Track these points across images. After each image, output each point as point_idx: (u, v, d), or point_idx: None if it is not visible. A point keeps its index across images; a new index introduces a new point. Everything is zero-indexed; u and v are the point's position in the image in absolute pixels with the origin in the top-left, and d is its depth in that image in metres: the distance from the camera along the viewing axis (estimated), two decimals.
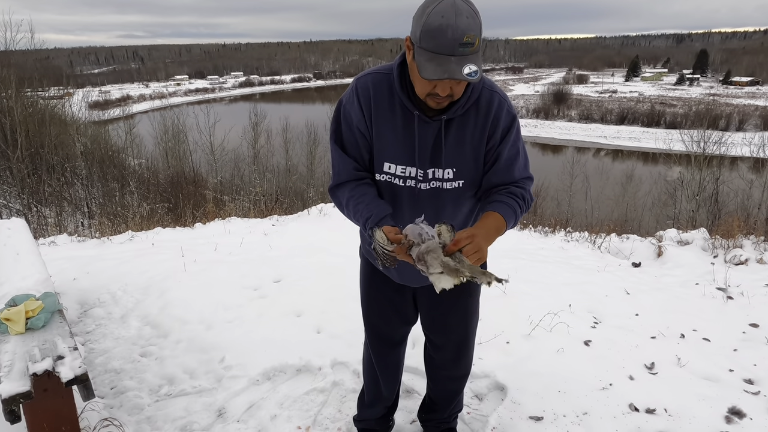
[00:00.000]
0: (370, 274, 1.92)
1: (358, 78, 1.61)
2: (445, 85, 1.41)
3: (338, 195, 1.65)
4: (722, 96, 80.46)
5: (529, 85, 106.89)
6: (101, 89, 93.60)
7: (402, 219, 1.60)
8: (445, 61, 1.32)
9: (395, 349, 2.04)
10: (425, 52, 1.35)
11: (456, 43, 1.31)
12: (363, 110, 1.57)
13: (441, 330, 1.94)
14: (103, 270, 4.09)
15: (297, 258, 4.40)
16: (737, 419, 2.32)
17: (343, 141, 1.62)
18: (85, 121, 23.19)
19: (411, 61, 1.45)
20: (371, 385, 2.13)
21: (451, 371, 2.03)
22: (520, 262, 4.56)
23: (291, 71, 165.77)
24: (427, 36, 1.33)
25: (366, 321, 2.01)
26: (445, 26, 1.30)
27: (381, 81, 1.57)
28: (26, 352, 2.00)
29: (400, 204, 1.63)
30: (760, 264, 4.68)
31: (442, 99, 1.45)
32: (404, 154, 1.57)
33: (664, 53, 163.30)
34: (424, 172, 1.58)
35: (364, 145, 1.61)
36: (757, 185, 21.26)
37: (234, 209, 8.46)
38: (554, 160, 42.92)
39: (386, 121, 1.57)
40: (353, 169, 1.62)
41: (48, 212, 13.42)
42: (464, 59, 1.33)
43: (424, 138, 1.55)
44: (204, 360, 2.80)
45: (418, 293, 1.89)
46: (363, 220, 1.55)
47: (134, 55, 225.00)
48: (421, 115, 1.53)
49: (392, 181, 1.61)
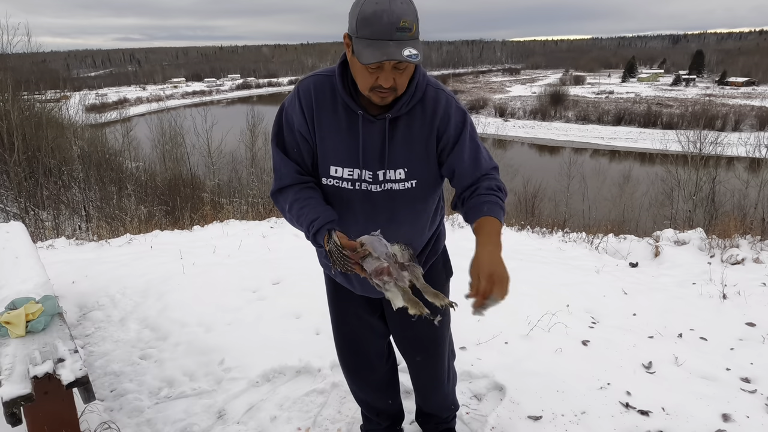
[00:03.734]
0: (333, 290, 1.86)
1: (301, 81, 1.57)
2: (388, 75, 1.36)
3: (280, 199, 1.59)
4: (718, 96, 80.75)
5: (526, 86, 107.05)
6: (98, 92, 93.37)
7: (356, 224, 1.55)
8: (384, 45, 1.30)
9: (374, 367, 1.96)
10: (363, 40, 1.32)
11: (393, 27, 1.29)
12: (305, 113, 1.52)
13: (411, 340, 1.88)
14: (102, 273, 4.09)
15: (295, 260, 4.40)
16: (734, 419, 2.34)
17: (285, 144, 1.57)
18: (82, 124, 23.16)
19: (351, 57, 1.41)
20: (367, 407, 2.10)
21: (431, 380, 1.97)
22: (518, 263, 4.58)
23: (288, 73, 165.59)
24: (363, 24, 1.31)
25: (337, 340, 1.93)
26: (380, 12, 1.29)
27: (323, 83, 1.53)
28: (27, 355, 2.00)
29: (352, 209, 1.58)
30: (757, 263, 4.70)
31: (385, 92, 1.40)
32: (350, 157, 1.52)
33: (660, 54, 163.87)
34: (374, 173, 1.53)
35: (305, 149, 1.56)
36: (753, 185, 21.34)
37: (232, 211, 8.46)
38: (551, 161, 43.02)
39: (329, 124, 1.52)
40: (295, 172, 1.56)
41: (45, 216, 13.39)
42: (402, 44, 1.31)
43: (370, 138, 1.50)
44: (203, 362, 2.80)
45: (385, 304, 1.81)
46: (307, 224, 1.48)
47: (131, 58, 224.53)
48: (365, 115, 1.48)
49: (340, 185, 1.56)
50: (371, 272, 1.35)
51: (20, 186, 14.41)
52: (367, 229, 1.42)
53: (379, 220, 1.55)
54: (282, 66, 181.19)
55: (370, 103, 1.49)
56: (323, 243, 1.45)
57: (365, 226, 1.49)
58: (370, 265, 1.35)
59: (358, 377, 2.02)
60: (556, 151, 52.29)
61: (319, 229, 1.46)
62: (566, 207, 23.30)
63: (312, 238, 1.49)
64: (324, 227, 1.45)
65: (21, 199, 14.10)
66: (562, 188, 27.46)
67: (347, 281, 1.75)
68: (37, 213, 13.35)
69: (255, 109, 33.74)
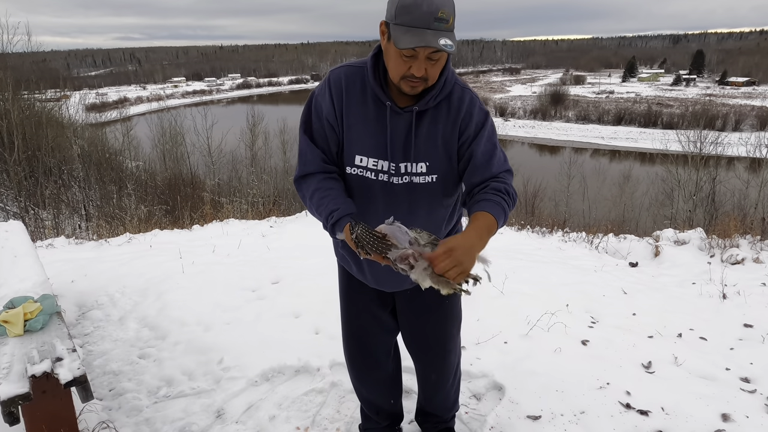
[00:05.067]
0: (346, 285, 1.88)
1: (332, 70, 1.61)
2: (420, 64, 1.40)
3: (303, 186, 1.62)
4: (719, 96, 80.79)
5: (527, 86, 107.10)
6: (98, 91, 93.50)
7: (376, 214, 1.58)
8: (421, 33, 1.34)
9: (380, 365, 1.97)
10: (401, 27, 1.36)
11: (431, 16, 1.33)
12: (334, 102, 1.56)
13: (421, 337, 1.89)
14: (101, 272, 4.09)
15: (295, 259, 4.40)
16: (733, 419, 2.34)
17: (313, 131, 1.60)
18: (82, 123, 23.16)
19: (386, 44, 1.45)
20: (368, 405, 2.10)
21: (438, 378, 1.98)
22: (518, 263, 4.57)
23: (288, 73, 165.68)
24: (402, 11, 1.35)
25: (346, 335, 1.95)
26: (420, 1, 1.32)
27: (354, 74, 1.57)
28: (25, 354, 2.00)
29: (374, 199, 1.61)
30: (757, 263, 4.70)
31: (416, 81, 1.44)
32: (376, 147, 1.56)
33: (660, 54, 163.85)
34: (396, 165, 1.56)
35: (332, 137, 1.59)
36: (753, 185, 21.35)
37: (232, 211, 8.45)
38: (552, 160, 43.03)
39: (358, 113, 1.56)
40: (320, 160, 1.60)
41: (45, 215, 13.39)
42: (439, 33, 1.34)
43: (396, 130, 1.54)
44: (202, 361, 2.80)
45: (397, 299, 1.85)
46: (326, 214, 1.51)
47: (131, 58, 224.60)
48: (393, 106, 1.52)
49: (364, 175, 1.59)
50: (395, 259, 1.37)
51: (20, 185, 14.41)
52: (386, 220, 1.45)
53: (398, 212, 1.57)
54: (282, 65, 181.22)
55: (399, 95, 1.53)
56: (341, 234, 1.48)
57: (385, 216, 1.52)
58: (394, 254, 1.38)
59: (363, 374, 2.01)
60: (557, 151, 52.32)
61: (338, 221, 1.49)
62: (566, 207, 23.31)
63: (330, 229, 1.52)
64: (343, 219, 1.49)
65: (21, 198, 14.10)
66: (562, 188, 27.48)
67: (361, 274, 1.77)
68: (37, 212, 13.36)
69: (255, 109, 33.78)
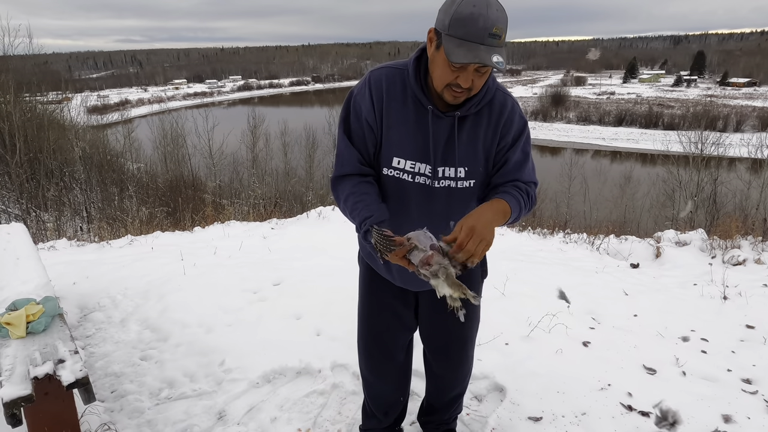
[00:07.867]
0: (369, 280, 1.89)
1: (372, 71, 1.60)
2: (468, 75, 1.40)
3: (338, 188, 1.62)
4: (719, 97, 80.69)
5: (527, 87, 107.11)
6: (99, 94, 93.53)
7: (409, 215, 1.59)
8: (475, 48, 1.34)
9: (395, 359, 1.98)
10: (454, 39, 1.36)
11: (486, 32, 1.33)
12: (374, 103, 1.56)
13: (441, 335, 1.91)
14: (103, 274, 4.10)
15: (296, 261, 4.40)
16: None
17: (351, 131, 1.60)
18: (83, 125, 23.23)
19: (434, 52, 1.44)
20: (377, 402, 2.09)
21: (451, 379, 2.00)
22: (519, 264, 4.57)
23: (289, 75, 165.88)
24: (457, 23, 1.35)
25: (364, 330, 1.95)
26: (476, 15, 1.32)
27: (394, 75, 1.57)
28: (27, 356, 2.00)
29: (409, 201, 1.60)
30: (758, 264, 4.69)
31: (460, 92, 1.44)
32: (415, 150, 1.56)
33: (661, 55, 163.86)
34: (434, 169, 1.56)
35: (370, 138, 1.59)
36: (755, 186, 21.28)
37: (233, 213, 8.46)
38: (553, 161, 42.96)
39: (398, 115, 1.55)
40: (357, 161, 1.59)
41: (47, 217, 13.41)
42: (492, 49, 1.35)
43: (438, 134, 1.54)
44: (204, 363, 2.81)
45: (420, 297, 1.87)
46: (360, 219, 1.51)
47: (132, 60, 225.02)
48: (435, 110, 1.52)
49: (401, 177, 1.58)
50: (418, 264, 1.37)
51: (22, 187, 14.44)
52: (421, 223, 1.46)
53: (433, 215, 1.58)
54: (283, 67, 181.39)
55: (439, 99, 1.53)
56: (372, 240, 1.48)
57: (419, 219, 1.51)
58: (416, 258, 1.38)
59: (378, 368, 2.01)
60: (558, 152, 52.25)
61: (369, 229, 1.48)
62: (567, 208, 23.28)
63: (363, 235, 1.52)
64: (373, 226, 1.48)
65: (23, 200, 14.12)
66: (563, 189, 27.44)
67: (389, 272, 1.79)
68: (39, 214, 13.37)
69: (256, 111, 33.81)
